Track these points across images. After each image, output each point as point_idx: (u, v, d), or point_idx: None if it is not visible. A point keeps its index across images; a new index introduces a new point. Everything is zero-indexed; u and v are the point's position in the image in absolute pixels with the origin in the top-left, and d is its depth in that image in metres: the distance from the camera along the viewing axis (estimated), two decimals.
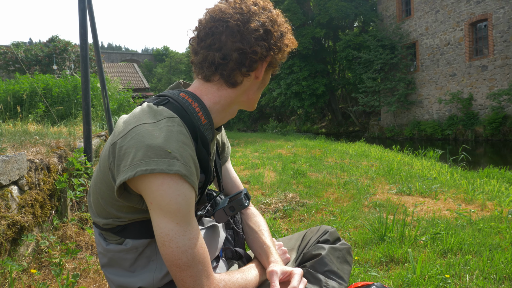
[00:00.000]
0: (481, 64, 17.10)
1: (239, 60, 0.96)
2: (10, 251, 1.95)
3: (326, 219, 3.27)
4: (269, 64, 1.03)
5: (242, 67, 0.97)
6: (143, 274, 0.98)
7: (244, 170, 6.10)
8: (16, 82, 7.20)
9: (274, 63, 1.04)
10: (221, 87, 1.01)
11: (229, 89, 1.01)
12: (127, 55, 64.16)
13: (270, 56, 1.00)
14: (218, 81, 1.01)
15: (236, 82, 1.00)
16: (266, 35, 0.97)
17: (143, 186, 0.84)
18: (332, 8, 23.79)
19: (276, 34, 0.99)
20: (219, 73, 0.99)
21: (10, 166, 2.00)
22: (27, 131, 3.31)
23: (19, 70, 19.41)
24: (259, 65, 1.00)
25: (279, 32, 1.01)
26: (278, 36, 1.00)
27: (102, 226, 0.99)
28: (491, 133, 16.11)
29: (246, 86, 1.03)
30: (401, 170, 5.81)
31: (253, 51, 0.96)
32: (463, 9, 17.73)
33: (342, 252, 1.23)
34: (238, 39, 0.95)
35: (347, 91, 28.43)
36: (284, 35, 1.02)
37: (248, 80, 1.02)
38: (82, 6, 3.13)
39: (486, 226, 2.92)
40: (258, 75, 1.02)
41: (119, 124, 0.94)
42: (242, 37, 0.95)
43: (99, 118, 6.50)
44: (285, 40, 1.03)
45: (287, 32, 1.04)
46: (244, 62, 0.97)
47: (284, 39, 1.03)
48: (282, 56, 1.04)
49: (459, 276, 2.11)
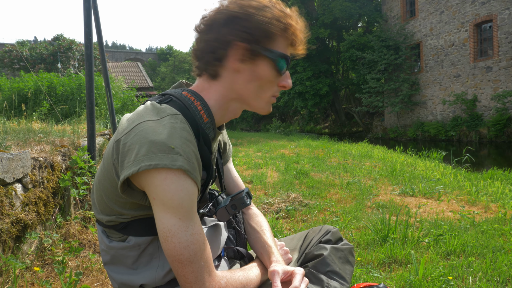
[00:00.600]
0: (485, 65, 17.02)
1: (208, 49, 0.98)
2: (13, 249, 1.96)
3: (328, 220, 3.26)
4: (253, 54, 0.95)
5: (211, 56, 0.98)
6: (146, 271, 0.98)
7: (247, 170, 6.10)
8: (21, 80, 7.25)
9: (256, 51, 0.95)
10: (210, 82, 1.02)
11: (215, 83, 1.01)
12: (131, 54, 64.30)
13: (239, 43, 0.94)
14: (205, 75, 1.02)
15: (215, 73, 1.00)
16: (232, 20, 0.94)
17: (147, 181, 0.84)
18: (336, 8, 23.75)
19: (244, 17, 0.93)
20: (202, 66, 1.01)
21: (14, 164, 2.01)
22: (32, 129, 3.33)
23: (24, 68, 19.53)
24: (229, 54, 0.96)
25: (250, 14, 0.93)
26: (245, 19, 0.93)
27: (105, 223, 1.00)
28: (495, 134, 16.03)
29: (229, 79, 0.99)
30: (404, 171, 5.80)
31: (216, 38, 0.96)
32: (468, 10, 17.66)
33: (344, 253, 1.23)
34: (208, 29, 0.97)
35: (351, 92, 28.38)
36: (254, 16, 0.93)
37: (227, 71, 0.99)
38: (87, 5, 3.14)
39: (490, 228, 2.91)
40: (233, 66, 0.97)
41: (123, 122, 0.95)
42: (211, 27, 0.97)
43: (103, 117, 6.53)
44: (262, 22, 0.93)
45: (262, 11, 0.94)
46: (212, 51, 0.97)
47: (257, 20, 0.93)
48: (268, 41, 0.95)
49: (462, 278, 2.10)
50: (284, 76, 1.02)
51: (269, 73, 0.98)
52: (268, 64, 0.97)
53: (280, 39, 0.97)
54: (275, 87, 1.02)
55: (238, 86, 0.99)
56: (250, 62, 0.97)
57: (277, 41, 0.96)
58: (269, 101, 1.03)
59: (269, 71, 0.98)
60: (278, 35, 0.96)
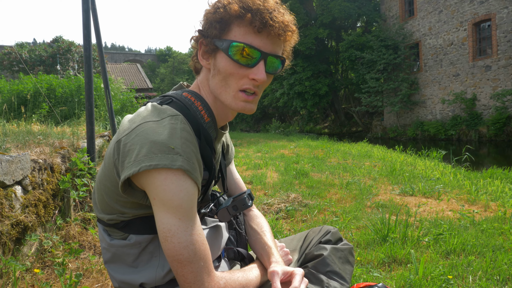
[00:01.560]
0: (484, 64, 17.03)
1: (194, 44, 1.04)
2: (13, 251, 1.96)
3: (328, 220, 3.27)
4: (210, 48, 0.97)
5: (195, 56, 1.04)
6: (146, 270, 0.99)
7: (247, 171, 6.10)
8: (20, 83, 7.25)
9: (210, 45, 0.96)
10: (199, 81, 1.06)
11: (201, 82, 1.05)
12: (130, 56, 64.32)
13: (201, 39, 0.99)
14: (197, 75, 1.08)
15: (196, 67, 1.06)
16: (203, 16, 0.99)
17: (147, 181, 0.85)
18: (335, 8, 23.75)
19: (204, 14, 0.98)
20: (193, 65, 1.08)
21: (14, 166, 2.01)
22: (31, 131, 3.33)
23: (23, 70, 19.52)
24: (199, 47, 1.01)
25: (206, 10, 0.97)
26: (203, 15, 0.98)
27: (107, 221, 1.01)
28: (495, 133, 16.03)
29: (206, 77, 1.03)
30: (404, 170, 5.80)
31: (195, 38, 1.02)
32: (466, 9, 17.67)
33: (344, 253, 1.23)
34: None
35: (350, 91, 28.38)
36: (207, 10, 0.97)
37: (204, 69, 1.04)
38: (86, 7, 3.15)
39: (490, 227, 2.91)
40: (203, 63, 1.01)
41: (124, 123, 0.96)
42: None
43: (102, 118, 6.53)
44: (209, 13, 0.96)
45: (215, 3, 0.96)
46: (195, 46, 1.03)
47: (207, 13, 0.96)
48: (222, 33, 0.94)
49: (462, 277, 2.10)
50: (255, 68, 0.94)
51: (226, 65, 0.94)
52: (223, 56, 0.95)
53: (235, 27, 0.93)
54: (243, 79, 0.95)
55: (210, 82, 1.01)
56: (212, 57, 0.98)
57: (233, 30, 0.93)
58: (236, 96, 0.97)
59: (226, 63, 0.94)
60: (232, 23, 0.93)
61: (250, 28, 0.92)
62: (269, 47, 0.94)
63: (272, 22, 0.91)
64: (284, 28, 0.93)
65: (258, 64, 0.94)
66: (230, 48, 0.92)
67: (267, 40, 0.93)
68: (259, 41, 0.93)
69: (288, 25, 0.94)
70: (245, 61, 0.93)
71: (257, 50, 0.92)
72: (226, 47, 0.93)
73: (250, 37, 0.92)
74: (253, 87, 0.96)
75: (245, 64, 0.93)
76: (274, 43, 0.95)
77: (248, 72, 0.95)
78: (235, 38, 0.92)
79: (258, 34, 0.92)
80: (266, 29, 0.91)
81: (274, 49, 0.96)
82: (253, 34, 0.92)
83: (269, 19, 0.90)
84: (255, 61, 0.93)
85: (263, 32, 0.92)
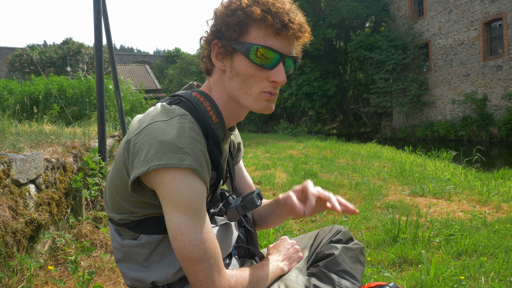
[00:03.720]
0: (495, 64, 16.83)
1: (205, 52, 1.03)
2: (27, 248, 1.99)
3: (338, 220, 3.26)
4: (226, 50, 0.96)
5: (207, 57, 1.03)
6: (157, 269, 0.99)
7: (256, 171, 6.11)
8: (32, 84, 7.35)
9: (227, 47, 0.95)
10: (211, 82, 1.05)
11: (214, 83, 1.04)
12: (139, 57, 64.72)
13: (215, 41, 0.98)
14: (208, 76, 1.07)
15: (210, 73, 1.05)
16: (212, 20, 0.99)
17: (156, 181, 0.85)
18: (343, 8, 23.67)
19: (216, 15, 0.98)
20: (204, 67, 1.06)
21: (28, 165, 2.05)
22: (43, 131, 3.38)
23: (34, 72, 19.80)
24: (212, 48, 1.00)
25: (219, 10, 0.97)
26: (216, 17, 0.98)
27: (117, 221, 1.02)
28: (506, 134, 15.82)
29: (220, 78, 1.02)
30: (413, 171, 5.76)
31: (205, 39, 1.01)
32: (477, 9, 17.47)
33: (355, 252, 1.23)
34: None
35: (359, 92, 28.24)
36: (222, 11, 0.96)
37: (217, 70, 1.03)
38: (97, 8, 3.18)
39: (502, 228, 2.88)
40: (217, 65, 1.00)
41: (134, 123, 0.97)
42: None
43: (112, 119, 6.59)
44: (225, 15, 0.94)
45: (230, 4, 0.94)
46: (207, 52, 1.02)
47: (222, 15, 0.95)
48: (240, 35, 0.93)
49: (474, 278, 2.08)
50: (275, 70, 0.95)
51: (246, 68, 0.94)
52: (243, 59, 0.94)
53: (255, 30, 0.93)
54: (264, 82, 0.96)
55: (226, 84, 1.00)
56: (228, 58, 0.97)
57: (252, 33, 0.93)
58: (258, 98, 0.97)
59: (245, 65, 0.94)
60: (251, 25, 0.93)
61: (269, 31, 0.92)
62: (287, 48, 0.95)
63: (291, 24, 0.92)
64: (301, 29, 0.94)
65: (278, 66, 0.95)
66: (251, 51, 0.92)
67: (284, 41, 0.94)
68: (278, 43, 0.93)
69: (303, 25, 0.95)
70: (265, 64, 0.93)
71: (277, 52, 0.93)
72: (246, 50, 0.93)
73: (269, 39, 0.93)
74: (273, 89, 0.97)
75: (265, 66, 0.94)
76: (290, 44, 0.96)
77: (268, 74, 0.95)
78: (254, 41, 0.92)
79: (278, 36, 0.93)
80: (285, 31, 0.92)
81: (291, 50, 0.97)
82: (272, 37, 0.93)
83: (288, 21, 0.91)
84: (275, 63, 0.94)
85: (281, 34, 0.93)
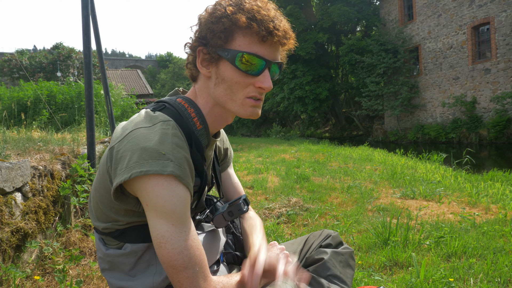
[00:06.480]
0: (484, 67, 17.07)
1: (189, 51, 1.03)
2: (13, 258, 1.95)
3: (329, 224, 3.26)
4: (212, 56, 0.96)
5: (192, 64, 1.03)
6: (143, 278, 0.98)
7: (248, 175, 6.10)
8: (21, 89, 7.27)
9: (212, 53, 0.95)
10: (196, 88, 1.05)
11: (199, 89, 1.04)
12: (131, 61, 64.55)
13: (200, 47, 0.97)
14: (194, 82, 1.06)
15: (193, 75, 1.05)
16: (197, 27, 0.99)
17: (139, 187, 0.85)
18: (334, 13, 23.85)
19: (201, 22, 0.97)
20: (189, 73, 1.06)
21: (14, 173, 2.02)
22: (31, 138, 3.34)
23: (23, 77, 19.58)
24: (197, 55, 0.99)
25: (204, 17, 0.97)
26: (201, 23, 0.97)
27: (102, 230, 1.01)
28: (495, 136, 16.03)
29: (205, 84, 1.02)
30: (405, 174, 5.79)
31: (190, 46, 1.01)
32: (465, 13, 17.73)
33: (344, 256, 1.23)
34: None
35: (350, 95, 28.42)
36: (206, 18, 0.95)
37: (202, 77, 1.02)
38: (86, 13, 3.16)
39: (490, 229, 2.90)
40: (202, 71, 0.99)
41: (118, 130, 0.96)
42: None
43: (102, 125, 6.54)
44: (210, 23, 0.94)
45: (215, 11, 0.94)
46: (192, 59, 1.02)
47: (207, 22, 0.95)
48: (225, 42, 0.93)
49: (463, 280, 2.09)
50: (261, 76, 0.95)
51: (231, 74, 0.95)
52: (228, 65, 0.95)
53: (240, 37, 0.93)
54: (249, 87, 0.96)
55: (212, 90, 1.00)
56: (213, 65, 0.97)
57: (237, 40, 0.93)
58: (243, 103, 0.97)
59: (231, 72, 0.95)
60: (236, 33, 0.93)
61: (255, 38, 0.93)
62: (272, 54, 0.96)
63: (276, 31, 0.92)
64: (286, 36, 0.95)
65: (264, 72, 0.96)
66: (236, 58, 0.93)
67: (270, 48, 0.95)
68: (264, 49, 0.94)
69: (288, 32, 0.96)
70: (251, 70, 0.94)
71: (262, 59, 0.94)
72: (232, 57, 0.93)
73: (255, 46, 0.93)
74: (259, 94, 0.98)
75: (251, 73, 0.94)
76: (276, 50, 0.97)
77: (254, 80, 0.96)
78: (240, 48, 0.93)
79: (263, 43, 0.93)
80: (271, 38, 0.93)
81: (276, 56, 0.98)
82: (257, 44, 0.93)
83: (273, 28, 0.92)
84: (261, 70, 0.95)
85: (267, 41, 0.93)
